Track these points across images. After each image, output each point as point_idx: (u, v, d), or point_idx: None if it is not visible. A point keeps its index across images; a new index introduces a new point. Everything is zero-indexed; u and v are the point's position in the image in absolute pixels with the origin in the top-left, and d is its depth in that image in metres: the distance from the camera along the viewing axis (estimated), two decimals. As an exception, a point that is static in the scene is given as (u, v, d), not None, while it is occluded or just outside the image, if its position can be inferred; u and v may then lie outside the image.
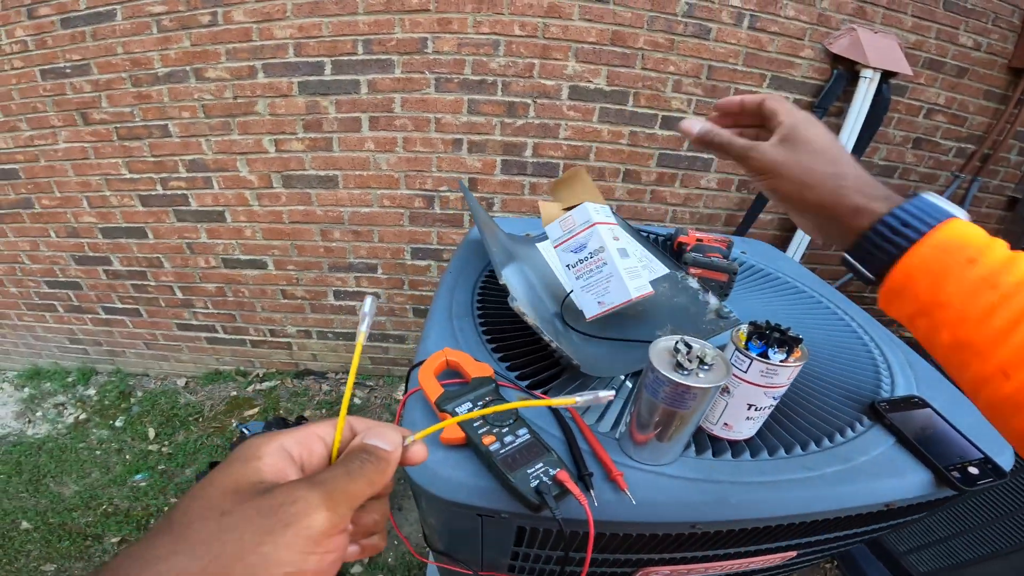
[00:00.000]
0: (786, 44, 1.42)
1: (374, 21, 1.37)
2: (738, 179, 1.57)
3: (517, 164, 1.53)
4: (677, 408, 0.45)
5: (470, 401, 0.53)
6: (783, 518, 0.51)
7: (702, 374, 0.45)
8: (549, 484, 0.45)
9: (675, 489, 0.50)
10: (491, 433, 0.49)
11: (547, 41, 1.39)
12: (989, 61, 1.45)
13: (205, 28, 1.40)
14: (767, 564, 0.63)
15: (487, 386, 0.55)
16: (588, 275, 0.67)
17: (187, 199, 1.64)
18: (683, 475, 0.51)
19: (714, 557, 0.59)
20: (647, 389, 0.47)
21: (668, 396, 0.45)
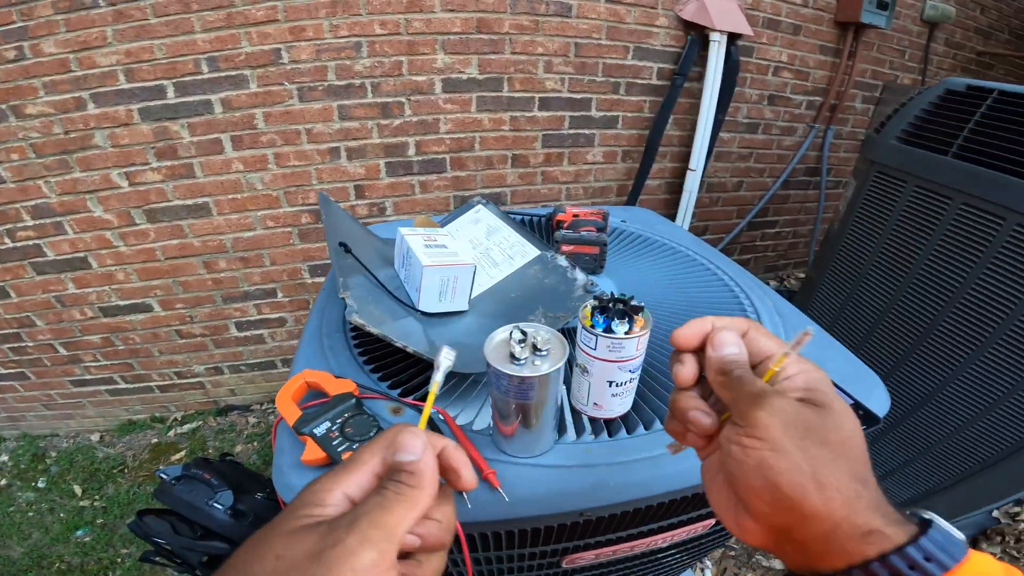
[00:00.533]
0: (642, 14, 1.47)
1: (215, 38, 1.26)
2: (622, 150, 1.62)
3: (402, 164, 1.48)
4: (524, 400, 0.44)
5: (328, 420, 0.50)
6: (672, 493, 0.51)
7: (537, 361, 0.44)
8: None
9: (553, 479, 0.49)
10: (351, 449, 0.47)
11: (411, 37, 1.35)
12: (818, 17, 1.58)
13: (13, 63, 1.23)
14: (692, 534, 0.64)
15: (347, 402, 0.52)
16: (408, 272, 0.72)
17: (41, 249, 1.45)
18: (559, 463, 0.50)
19: (628, 537, 0.59)
20: (492, 385, 0.46)
21: (510, 389, 0.44)
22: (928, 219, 1.03)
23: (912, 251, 1.07)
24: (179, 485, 1.25)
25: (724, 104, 1.53)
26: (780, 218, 1.89)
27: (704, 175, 1.61)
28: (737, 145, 1.70)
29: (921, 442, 1.11)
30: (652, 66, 1.53)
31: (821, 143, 1.70)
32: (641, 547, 0.64)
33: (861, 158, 1.19)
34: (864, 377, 0.64)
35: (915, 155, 1.08)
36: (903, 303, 1.10)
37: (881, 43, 1.65)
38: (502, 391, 0.44)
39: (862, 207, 1.18)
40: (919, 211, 1.06)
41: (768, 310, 0.76)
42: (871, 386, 0.62)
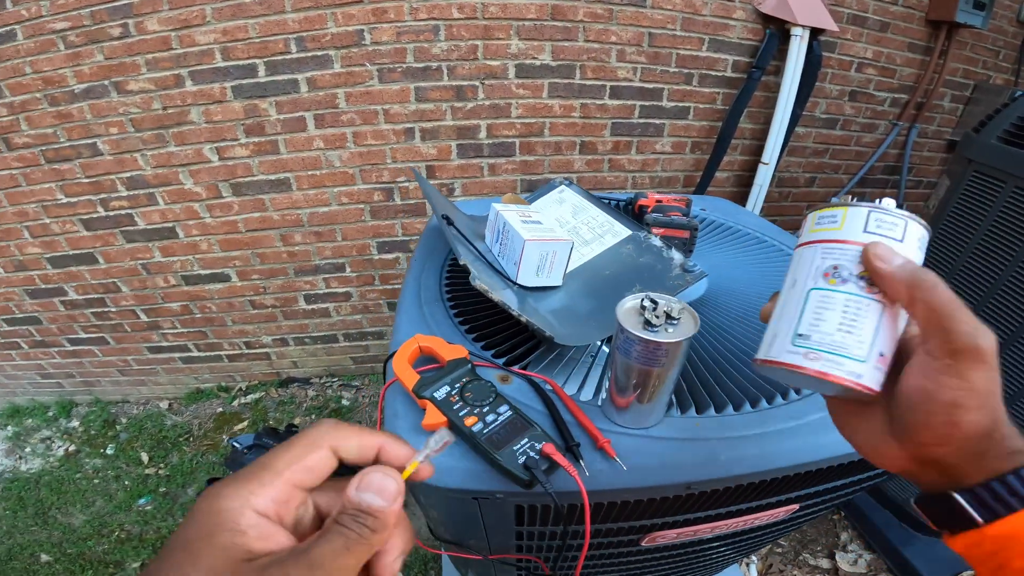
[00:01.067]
0: (719, 6, 1.45)
1: (304, 18, 1.31)
2: (691, 141, 1.60)
3: (473, 147, 1.51)
4: (651, 366, 0.46)
5: (447, 384, 0.52)
6: (776, 471, 0.51)
7: (671, 329, 0.45)
8: (537, 459, 0.45)
9: (664, 451, 0.50)
10: (472, 414, 0.49)
11: (487, 21, 1.37)
12: (908, 15, 1.51)
13: (118, 40, 1.31)
14: (772, 519, 0.64)
15: (463, 367, 0.54)
16: (503, 247, 0.73)
17: (132, 218, 1.55)
18: (670, 436, 0.51)
19: (716, 516, 0.59)
20: (619, 351, 0.47)
21: (641, 355, 0.45)
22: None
23: (1009, 250, 1.03)
24: (250, 454, 1.30)
25: (802, 99, 1.49)
26: (852, 218, 1.82)
27: (776, 169, 1.57)
28: (812, 140, 1.65)
29: None
30: (727, 58, 1.50)
31: (904, 141, 1.63)
32: (722, 528, 0.64)
33: (957, 157, 1.15)
34: None
35: (1016, 156, 1.04)
36: (996, 301, 1.06)
37: (975, 43, 1.56)
38: (632, 357, 0.46)
39: (957, 205, 1.13)
40: (1018, 211, 1.02)
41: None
42: None
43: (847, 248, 0.30)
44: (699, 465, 0.50)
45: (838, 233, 0.30)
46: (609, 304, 0.71)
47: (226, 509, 0.22)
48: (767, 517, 0.65)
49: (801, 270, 0.32)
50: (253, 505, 0.23)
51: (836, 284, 0.29)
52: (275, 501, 0.23)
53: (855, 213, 0.30)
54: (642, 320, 0.46)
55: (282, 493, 0.24)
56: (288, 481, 0.24)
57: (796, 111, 1.49)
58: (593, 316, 0.68)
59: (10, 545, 1.48)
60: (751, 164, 1.63)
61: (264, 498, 0.23)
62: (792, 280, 0.32)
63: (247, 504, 0.23)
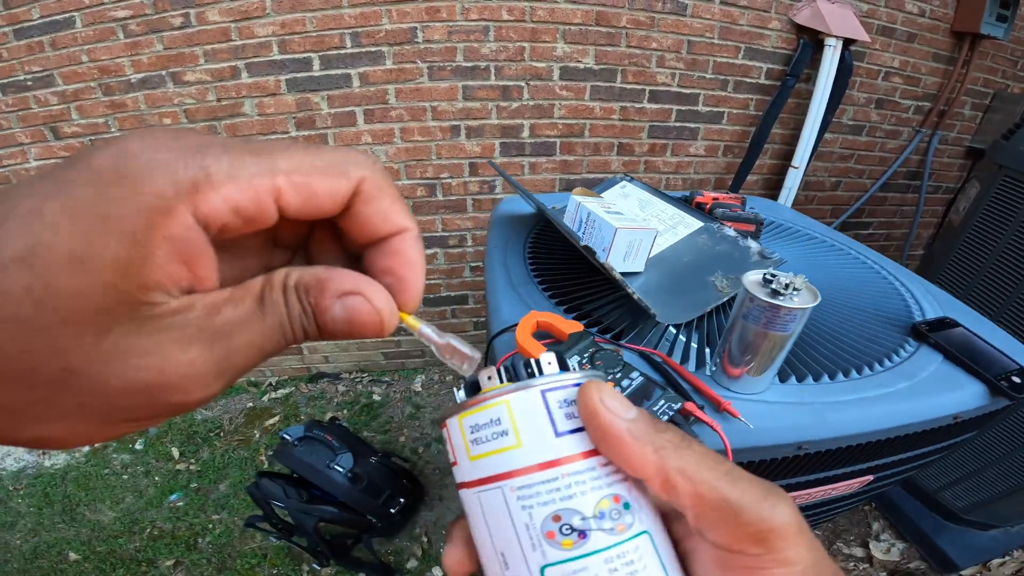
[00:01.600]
0: (755, 17, 1.51)
1: (360, 14, 1.35)
2: (724, 145, 1.65)
3: (515, 145, 1.55)
4: (780, 331, 0.50)
5: (576, 354, 0.56)
6: (873, 434, 0.56)
7: (795, 298, 0.49)
8: (679, 417, 0.48)
9: (777, 413, 0.54)
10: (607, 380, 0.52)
11: (535, 24, 1.42)
12: (934, 26, 1.59)
13: (178, 30, 1.34)
14: (847, 490, 0.69)
15: (586, 339, 0.58)
16: (588, 235, 0.78)
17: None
18: (781, 400, 0.56)
19: (806, 484, 0.64)
20: (748, 319, 0.51)
21: (770, 321, 0.49)
22: (1057, 223, 1.05)
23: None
24: (300, 446, 1.30)
25: (833, 106, 1.55)
26: (875, 220, 1.89)
27: (803, 173, 1.64)
28: (839, 146, 1.71)
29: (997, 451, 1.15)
30: (761, 66, 1.56)
31: (925, 148, 1.70)
32: (804, 499, 0.69)
33: (987, 163, 1.21)
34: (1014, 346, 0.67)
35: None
36: (1019, 304, 1.12)
37: (995, 53, 1.65)
38: (761, 323, 0.50)
39: (987, 207, 1.19)
40: (1047, 215, 1.08)
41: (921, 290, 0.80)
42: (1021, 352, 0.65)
43: (551, 479, 0.18)
44: (809, 424, 0.54)
45: (521, 454, 0.18)
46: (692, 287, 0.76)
47: (150, 190, 0.13)
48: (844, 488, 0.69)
49: (500, 538, 0.18)
50: (199, 202, 0.14)
51: (575, 545, 0.17)
52: (235, 211, 0.14)
53: (525, 404, 0.18)
54: (768, 291, 0.50)
55: (252, 202, 0.15)
56: (270, 191, 0.15)
57: (826, 117, 1.56)
58: (684, 297, 0.72)
59: (35, 543, 1.43)
60: (780, 168, 1.69)
61: (222, 197, 0.14)
62: (497, 556, 0.18)
63: (189, 193, 0.14)
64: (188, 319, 0.15)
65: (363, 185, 0.17)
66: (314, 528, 1.22)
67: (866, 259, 0.91)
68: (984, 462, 1.19)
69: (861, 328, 0.70)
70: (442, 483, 1.55)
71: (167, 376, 0.14)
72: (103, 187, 0.13)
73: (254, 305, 0.16)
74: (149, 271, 0.13)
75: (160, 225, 0.13)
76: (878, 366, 0.62)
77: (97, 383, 0.14)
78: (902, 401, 0.57)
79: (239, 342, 0.16)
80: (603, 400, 0.18)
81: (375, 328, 0.17)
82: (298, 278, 0.17)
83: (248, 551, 1.38)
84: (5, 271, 0.12)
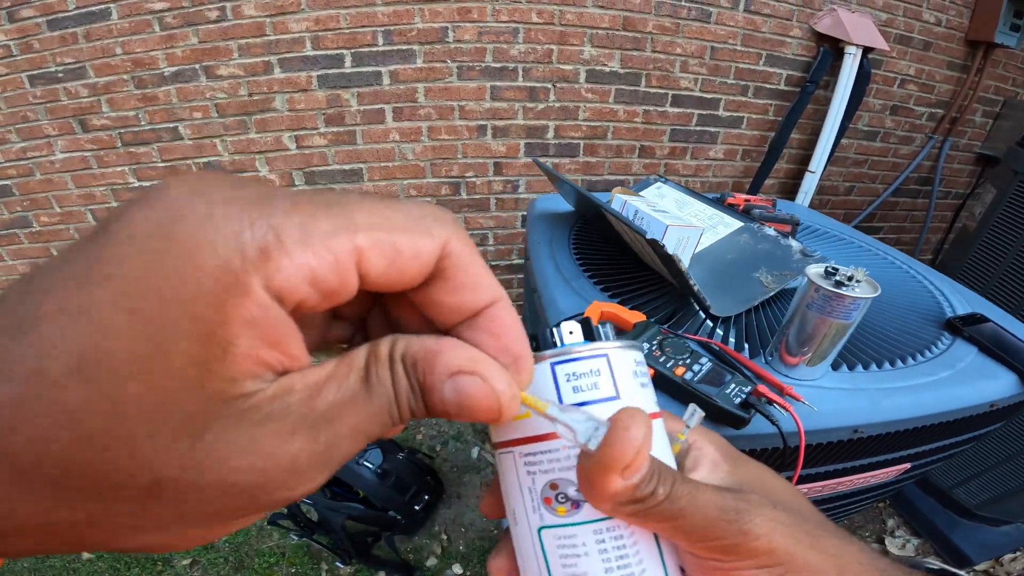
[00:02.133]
0: (777, 25, 1.55)
1: (393, 12, 1.38)
2: (742, 149, 1.69)
3: (540, 146, 1.58)
4: (842, 320, 0.53)
5: (646, 342, 0.58)
6: (921, 418, 0.59)
7: (856, 289, 0.52)
8: (752, 398, 0.51)
9: (835, 398, 0.57)
10: (678, 365, 0.55)
11: (563, 28, 1.45)
12: (949, 35, 1.63)
13: (214, 24, 1.36)
14: (885, 478, 0.72)
15: (652, 328, 0.60)
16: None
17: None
18: (837, 386, 0.59)
19: (852, 470, 0.67)
20: (812, 307, 0.54)
21: (834, 310, 0.52)
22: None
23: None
24: None
25: (850, 112, 1.59)
26: (886, 224, 1.94)
27: (819, 178, 1.67)
28: (854, 151, 1.75)
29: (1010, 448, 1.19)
30: (782, 73, 1.60)
31: (937, 154, 1.75)
32: (846, 485, 0.72)
33: (1003, 169, 1.25)
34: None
35: (1061, 168, 1.14)
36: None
37: (1007, 61, 1.70)
38: (824, 312, 0.53)
39: (1003, 213, 1.23)
40: (1062, 220, 1.13)
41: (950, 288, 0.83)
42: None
43: (551, 450, 0.18)
44: (865, 410, 0.57)
45: (529, 424, 0.19)
46: (739, 283, 0.79)
47: (213, 262, 0.11)
48: (883, 475, 0.72)
49: (510, 497, 0.20)
50: (271, 273, 0.11)
51: (568, 514, 0.18)
52: (312, 282, 0.12)
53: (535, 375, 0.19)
54: (832, 282, 0.53)
55: (332, 270, 0.12)
56: (350, 253, 0.13)
57: (843, 124, 1.60)
58: (732, 292, 0.75)
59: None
60: (796, 172, 1.73)
61: (296, 265, 0.12)
62: (510, 511, 0.20)
63: (259, 262, 0.11)
64: (288, 406, 0.13)
65: (449, 247, 0.15)
66: (341, 525, 1.24)
67: (894, 259, 0.94)
68: (996, 459, 1.23)
69: (900, 322, 0.73)
70: (460, 481, 1.57)
71: (269, 476, 0.13)
72: (153, 263, 0.11)
73: (359, 383, 0.14)
74: (234, 363, 0.11)
75: (234, 306, 0.11)
76: (920, 356, 0.65)
77: (194, 491, 0.12)
78: (947, 388, 0.61)
79: (344, 428, 0.14)
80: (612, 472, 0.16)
81: (491, 414, 0.15)
82: (405, 349, 0.15)
83: (266, 550, 1.38)
84: (61, 388, 0.10)
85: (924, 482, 1.37)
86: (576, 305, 0.71)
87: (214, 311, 0.11)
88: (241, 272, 0.11)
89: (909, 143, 1.76)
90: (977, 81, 1.65)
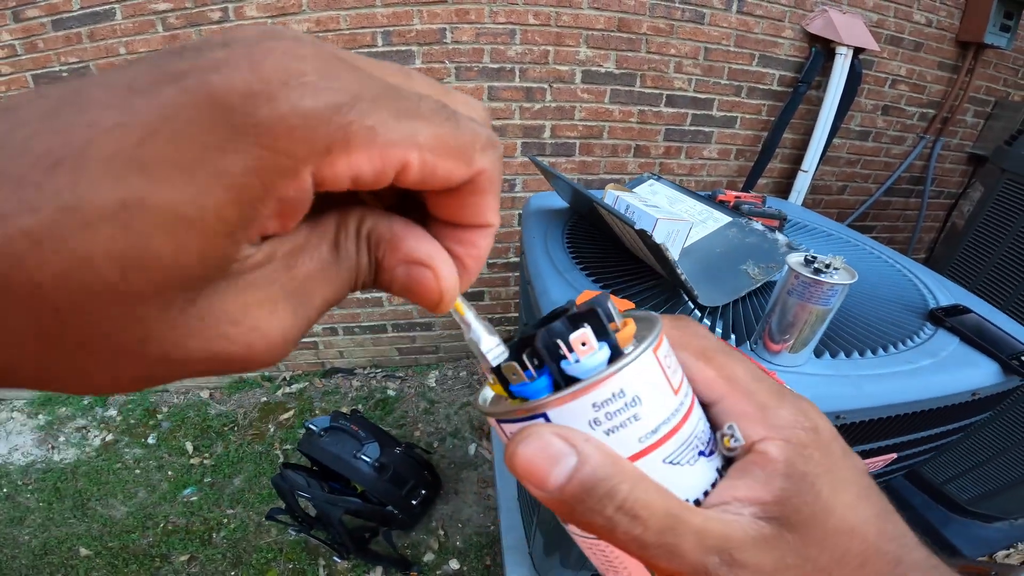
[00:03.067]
0: (770, 26, 1.57)
1: (392, 13, 1.40)
2: (736, 149, 1.71)
3: (536, 146, 1.60)
4: (821, 305, 0.55)
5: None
6: (904, 405, 0.60)
7: (835, 276, 0.55)
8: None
9: (818, 383, 0.59)
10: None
11: (560, 29, 1.47)
12: (940, 36, 1.66)
13: (216, 24, 1.39)
14: (872, 469, 0.74)
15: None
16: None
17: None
18: (820, 372, 0.61)
19: None
20: (792, 294, 0.56)
21: (813, 296, 0.54)
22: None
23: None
24: (326, 436, 1.31)
25: (842, 112, 1.62)
26: (879, 223, 1.96)
27: (812, 177, 1.70)
28: (846, 151, 1.78)
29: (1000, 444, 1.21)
30: (774, 73, 1.62)
31: (929, 154, 1.77)
32: None
33: (991, 167, 1.27)
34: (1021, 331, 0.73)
35: (1047, 165, 1.16)
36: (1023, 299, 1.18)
37: (998, 61, 1.72)
38: (804, 298, 0.55)
39: (990, 210, 1.25)
40: (1047, 215, 1.15)
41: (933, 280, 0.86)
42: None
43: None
44: (848, 394, 0.59)
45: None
46: (727, 275, 0.81)
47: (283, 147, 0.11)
48: (869, 465, 0.74)
49: None
50: (324, 166, 0.12)
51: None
52: (355, 179, 0.12)
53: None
54: (811, 269, 0.55)
55: (375, 172, 0.13)
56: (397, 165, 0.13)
57: (835, 123, 1.62)
58: (720, 283, 0.77)
59: (45, 539, 1.41)
60: (790, 172, 1.76)
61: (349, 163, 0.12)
62: None
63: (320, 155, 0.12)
64: (270, 274, 0.13)
65: (479, 177, 0.15)
66: (339, 520, 1.25)
67: (880, 253, 0.96)
68: (987, 455, 1.24)
69: (882, 312, 0.75)
70: (457, 477, 1.58)
71: (254, 350, 0.13)
72: (225, 134, 0.10)
73: (330, 254, 0.14)
74: (249, 229, 0.12)
75: (279, 187, 0.11)
76: (902, 345, 0.67)
77: (175, 355, 0.12)
78: (929, 375, 0.63)
79: (317, 300, 0.14)
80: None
81: (430, 305, 0.16)
82: (373, 226, 0.15)
83: (264, 545, 1.38)
84: (92, 229, 0.10)
85: (917, 478, 1.39)
86: (569, 295, 0.73)
87: (260, 187, 0.11)
88: (300, 160, 0.11)
89: (901, 143, 1.79)
90: (968, 81, 1.67)
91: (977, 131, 1.83)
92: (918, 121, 1.77)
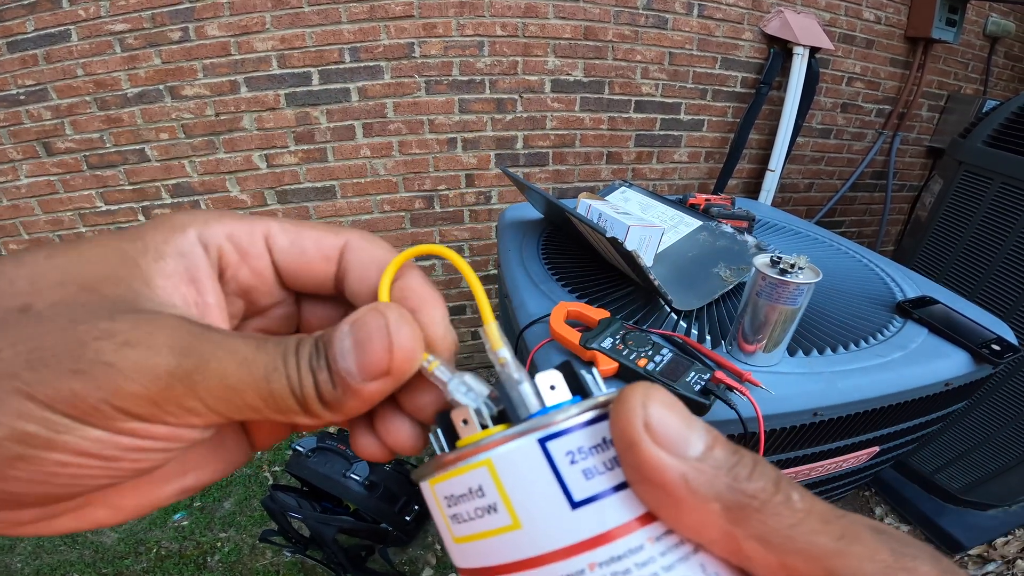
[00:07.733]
0: (730, 28, 1.61)
1: (359, 29, 1.40)
2: (705, 151, 1.75)
3: (510, 157, 1.61)
4: (789, 305, 0.56)
5: (609, 337, 0.61)
6: (878, 399, 0.62)
7: (800, 275, 0.56)
8: (711, 385, 0.54)
9: (792, 382, 0.60)
10: (640, 357, 0.58)
11: (527, 39, 1.49)
12: (889, 32, 1.73)
13: (177, 44, 1.36)
14: (856, 463, 0.75)
15: (615, 323, 0.63)
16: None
17: (167, 227, 1.56)
18: (793, 371, 0.62)
19: (820, 455, 0.69)
20: (761, 295, 0.57)
21: (780, 296, 0.56)
22: (1012, 212, 1.17)
23: (997, 242, 1.20)
24: (314, 456, 1.30)
25: (803, 111, 1.66)
26: (847, 218, 2.02)
27: (779, 176, 1.74)
28: (810, 149, 1.83)
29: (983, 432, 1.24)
30: (737, 75, 1.66)
31: (889, 148, 1.83)
32: (819, 472, 0.75)
33: (948, 160, 1.32)
34: (996, 320, 0.76)
35: (1000, 156, 1.21)
36: (987, 290, 1.22)
37: (947, 56, 1.80)
38: (772, 299, 0.56)
39: (950, 202, 1.30)
40: (1004, 205, 1.19)
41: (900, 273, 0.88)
42: (1002, 328, 0.73)
43: (579, 570, 0.12)
44: (822, 390, 0.60)
45: (517, 538, 0.12)
46: (699, 279, 0.82)
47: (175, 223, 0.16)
48: (853, 460, 0.76)
49: None
50: (219, 228, 0.16)
51: None
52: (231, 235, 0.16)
53: (515, 462, 0.13)
54: (777, 270, 0.56)
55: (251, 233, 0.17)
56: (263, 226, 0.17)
57: (798, 122, 1.67)
58: (693, 287, 0.78)
59: (37, 566, 1.39)
60: (758, 171, 1.80)
61: (225, 224, 0.16)
62: None
63: (212, 224, 0.16)
64: None
65: (352, 240, 0.17)
66: (333, 539, 1.23)
67: (847, 249, 0.99)
68: (971, 443, 1.27)
69: (851, 308, 0.77)
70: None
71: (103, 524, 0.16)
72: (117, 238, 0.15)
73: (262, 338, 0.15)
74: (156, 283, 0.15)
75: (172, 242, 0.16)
76: (872, 340, 0.69)
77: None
78: (900, 368, 0.64)
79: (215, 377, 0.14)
80: (649, 423, 0.12)
81: (382, 353, 0.14)
82: (321, 335, 0.15)
83: (260, 568, 1.36)
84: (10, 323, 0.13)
85: (906, 468, 1.42)
86: (545, 307, 0.73)
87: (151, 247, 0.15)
88: (186, 223, 0.16)
89: (861, 139, 1.85)
90: (920, 77, 1.74)
91: (933, 125, 1.90)
92: (876, 117, 1.83)
